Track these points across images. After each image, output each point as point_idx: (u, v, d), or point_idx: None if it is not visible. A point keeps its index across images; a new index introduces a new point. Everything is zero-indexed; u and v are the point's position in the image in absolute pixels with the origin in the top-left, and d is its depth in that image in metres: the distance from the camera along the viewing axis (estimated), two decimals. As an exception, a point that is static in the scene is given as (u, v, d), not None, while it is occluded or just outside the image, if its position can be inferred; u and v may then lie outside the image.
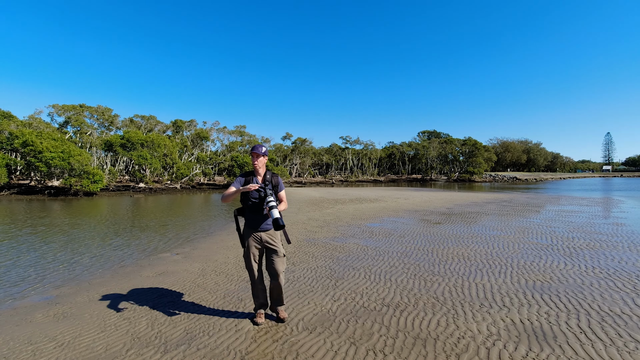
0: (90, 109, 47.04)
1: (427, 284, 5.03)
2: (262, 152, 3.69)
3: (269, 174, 3.75)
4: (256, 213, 3.63)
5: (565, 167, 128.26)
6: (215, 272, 5.87)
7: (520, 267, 5.86)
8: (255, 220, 3.64)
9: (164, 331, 3.63)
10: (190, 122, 52.89)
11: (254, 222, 3.64)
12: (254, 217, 3.64)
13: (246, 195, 3.64)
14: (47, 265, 6.66)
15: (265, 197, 3.47)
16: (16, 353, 3.21)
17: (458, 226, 10.41)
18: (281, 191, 3.78)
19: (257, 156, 3.67)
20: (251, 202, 3.62)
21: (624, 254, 6.65)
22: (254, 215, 3.64)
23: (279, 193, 3.76)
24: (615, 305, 4.15)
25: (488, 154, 75.93)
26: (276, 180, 3.76)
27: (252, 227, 3.66)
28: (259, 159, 3.68)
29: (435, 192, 30.15)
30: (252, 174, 3.72)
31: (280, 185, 3.78)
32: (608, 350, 3.09)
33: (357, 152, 75.85)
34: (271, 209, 3.30)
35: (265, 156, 3.73)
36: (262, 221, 3.63)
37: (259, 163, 3.68)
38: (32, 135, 26.86)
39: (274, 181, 3.73)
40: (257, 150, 3.67)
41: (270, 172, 3.78)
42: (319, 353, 3.14)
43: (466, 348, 3.17)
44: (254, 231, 3.66)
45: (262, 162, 3.70)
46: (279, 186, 3.77)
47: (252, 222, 3.66)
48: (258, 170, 3.71)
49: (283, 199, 3.79)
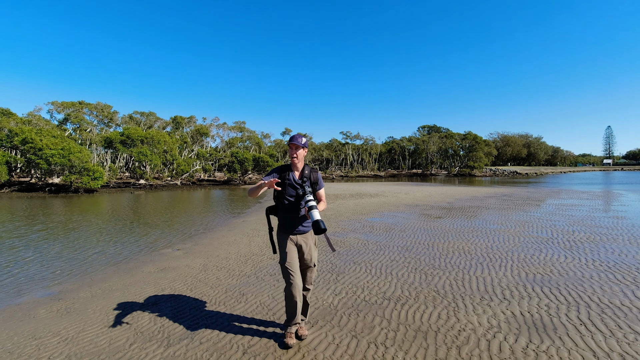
0: (90, 106, 46.94)
1: (427, 278, 5.05)
2: (302, 143, 3.18)
3: (307, 169, 3.24)
4: (292, 213, 3.16)
5: (565, 161, 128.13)
6: (217, 268, 5.90)
7: (521, 260, 5.88)
8: (291, 221, 3.17)
9: (166, 325, 3.66)
10: (190, 118, 52.76)
11: (290, 224, 3.17)
12: (290, 218, 3.17)
13: (281, 192, 3.18)
14: (49, 262, 6.69)
15: (303, 195, 3.04)
16: (21, 348, 3.24)
17: (458, 220, 10.43)
18: (320, 189, 3.31)
19: (295, 148, 3.17)
20: (287, 201, 3.17)
21: (624, 247, 6.66)
22: (290, 216, 3.17)
23: (317, 191, 3.30)
24: (615, 297, 4.17)
25: (488, 149, 75.83)
26: (315, 177, 3.27)
27: (288, 230, 3.18)
28: (298, 152, 3.17)
29: (435, 186, 30.16)
30: (289, 169, 3.23)
31: (320, 183, 3.31)
32: (608, 342, 3.12)
33: (357, 147, 75.71)
34: (311, 210, 2.89)
35: (305, 148, 3.23)
36: (299, 223, 3.18)
37: (298, 156, 3.18)
38: (32, 132, 26.82)
39: (312, 177, 3.25)
40: (296, 141, 3.15)
41: (308, 166, 3.28)
42: (321, 346, 3.17)
43: (467, 340, 3.20)
44: (289, 234, 3.18)
45: (302, 155, 3.20)
46: (318, 183, 3.29)
47: (287, 223, 3.19)
48: (296, 164, 3.22)
49: (322, 198, 3.33)
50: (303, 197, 3.04)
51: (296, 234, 3.19)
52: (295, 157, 3.18)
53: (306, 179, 3.19)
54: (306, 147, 3.25)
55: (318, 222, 2.82)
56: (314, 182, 3.25)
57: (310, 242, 3.23)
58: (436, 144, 76.02)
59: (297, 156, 3.18)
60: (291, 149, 3.19)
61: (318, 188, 3.29)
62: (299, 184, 3.15)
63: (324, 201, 3.34)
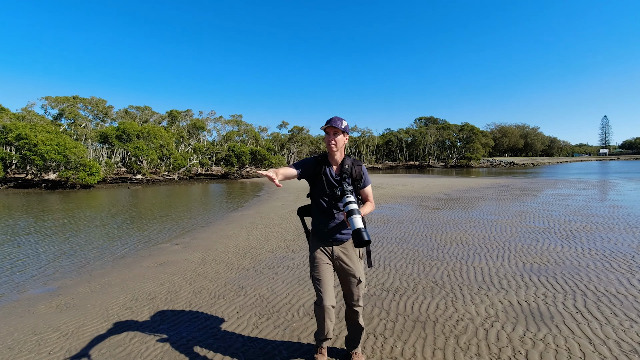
0: (84, 101, 46.44)
1: (425, 269, 5.08)
2: (342, 127, 2.47)
3: (348, 162, 2.55)
4: (329, 217, 2.55)
5: (562, 151, 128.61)
6: (216, 261, 5.91)
7: (518, 250, 5.92)
8: (326, 227, 2.55)
9: (166, 319, 3.67)
10: (186, 112, 52.37)
11: (325, 230, 2.56)
12: (326, 223, 2.55)
13: (318, 188, 2.56)
14: (47, 257, 6.68)
15: (342, 196, 2.40)
16: (21, 344, 3.25)
17: (456, 211, 10.47)
18: (365, 187, 2.63)
19: (334, 133, 2.46)
20: (323, 202, 2.55)
21: (619, 236, 6.72)
22: (326, 221, 2.55)
23: (362, 189, 2.63)
24: (610, 285, 4.22)
25: (485, 140, 75.97)
26: (359, 171, 2.57)
27: (322, 237, 2.58)
28: (337, 137, 2.47)
29: (433, 178, 30.22)
30: (325, 161, 2.57)
31: (366, 179, 2.61)
32: (604, 329, 3.16)
33: (355, 140, 75.56)
34: (350, 215, 2.25)
35: (346, 134, 2.54)
36: (338, 230, 2.55)
37: (337, 144, 2.48)
38: (26, 128, 26.56)
39: (355, 172, 2.55)
40: (335, 124, 2.43)
41: (350, 158, 2.59)
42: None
43: (465, 330, 3.23)
44: (323, 243, 2.58)
45: (342, 142, 2.51)
46: (363, 180, 2.59)
47: (321, 229, 2.57)
48: (334, 154, 2.53)
49: (369, 198, 2.66)
50: (342, 198, 2.40)
51: (332, 243, 2.57)
52: (333, 145, 2.47)
53: (346, 174, 2.52)
54: (347, 133, 2.55)
55: (360, 231, 2.20)
56: (357, 179, 2.56)
57: (351, 253, 2.58)
58: (433, 136, 76.00)
59: (335, 144, 2.47)
60: (328, 135, 2.48)
61: (362, 186, 2.60)
62: (337, 181, 2.51)
63: (372, 202, 2.65)
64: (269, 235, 7.83)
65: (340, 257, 2.56)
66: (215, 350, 3.01)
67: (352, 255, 2.58)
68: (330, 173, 2.54)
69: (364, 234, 2.19)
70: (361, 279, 2.56)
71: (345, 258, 2.56)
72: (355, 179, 2.55)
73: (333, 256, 2.56)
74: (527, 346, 2.91)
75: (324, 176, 2.53)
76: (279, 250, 6.50)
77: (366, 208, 2.55)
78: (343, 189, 2.40)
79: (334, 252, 2.56)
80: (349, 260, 2.56)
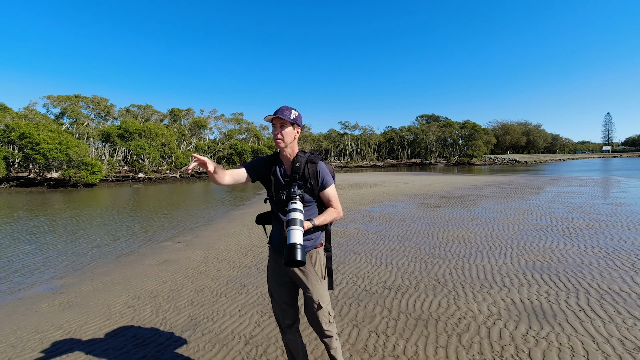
0: (86, 99, 46.57)
1: (427, 267, 5.07)
2: (291, 118, 2.04)
3: (301, 159, 2.10)
4: (280, 224, 2.12)
5: (564, 148, 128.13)
6: (217, 260, 5.92)
7: (520, 248, 5.90)
8: (280, 235, 2.13)
9: (168, 318, 3.68)
10: (188, 110, 52.42)
11: (279, 239, 2.14)
12: (280, 231, 2.13)
13: (269, 194, 2.16)
14: (50, 256, 6.70)
15: (287, 200, 2.01)
16: (24, 342, 3.26)
17: (458, 209, 10.45)
18: (325, 188, 2.12)
19: (280, 124, 2.04)
20: (275, 207, 2.15)
21: (623, 233, 6.69)
22: (280, 227, 2.12)
23: (321, 192, 2.13)
24: (614, 283, 4.20)
25: (487, 137, 75.68)
26: (313, 171, 2.08)
27: (277, 249, 2.16)
28: (284, 130, 2.04)
29: (434, 176, 30.17)
30: (277, 160, 2.18)
31: (325, 179, 2.11)
32: (607, 327, 3.14)
33: (356, 138, 75.50)
34: (289, 226, 1.86)
35: (297, 126, 2.11)
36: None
37: (284, 137, 2.05)
38: (29, 127, 26.66)
39: (308, 172, 2.08)
40: (281, 114, 2.02)
41: (306, 154, 2.13)
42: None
43: (467, 328, 3.22)
44: (277, 255, 2.17)
45: (291, 135, 2.07)
46: (320, 180, 2.10)
47: (276, 239, 2.17)
48: (283, 149, 2.10)
49: (331, 203, 2.16)
50: (287, 204, 1.99)
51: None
52: (280, 140, 2.04)
53: (297, 173, 2.07)
54: (298, 125, 2.11)
55: (293, 247, 1.77)
56: (309, 178, 2.07)
57: (309, 270, 2.10)
58: (435, 133, 75.82)
59: (282, 137, 2.04)
60: (274, 128, 2.06)
61: (320, 188, 2.11)
62: (286, 183, 2.11)
63: (335, 208, 2.16)
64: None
65: (296, 274, 2.10)
66: (217, 349, 3.02)
67: (309, 273, 2.10)
68: (280, 173, 2.13)
69: (297, 252, 1.75)
70: (321, 304, 2.08)
71: (302, 276, 2.09)
72: (308, 178, 2.07)
73: (288, 273, 2.14)
74: (530, 344, 2.90)
75: (273, 177, 2.13)
76: (280, 248, 6.50)
77: (326, 215, 2.08)
78: (290, 193, 2.01)
79: (288, 269, 2.12)
80: (305, 279, 2.09)
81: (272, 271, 2.21)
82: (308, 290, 2.09)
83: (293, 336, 2.23)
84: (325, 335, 2.14)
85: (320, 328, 2.12)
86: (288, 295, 2.19)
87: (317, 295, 2.08)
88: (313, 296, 2.08)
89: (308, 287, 2.09)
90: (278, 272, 2.18)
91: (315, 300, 2.08)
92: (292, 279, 2.16)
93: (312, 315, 2.11)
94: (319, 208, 2.20)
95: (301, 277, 2.10)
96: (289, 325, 2.19)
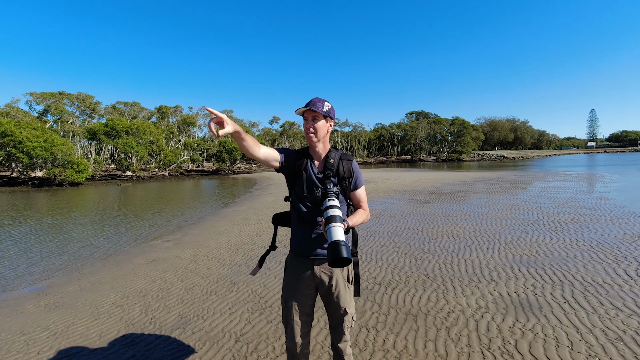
0: (71, 97, 45.48)
1: (417, 262, 5.12)
2: (324, 110, 1.90)
3: (335, 155, 1.96)
4: (310, 226, 1.95)
5: (551, 144, 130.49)
6: (207, 258, 5.88)
7: (508, 242, 6.01)
8: (306, 239, 1.96)
9: (157, 317, 3.65)
10: (176, 107, 51.70)
11: (305, 243, 1.96)
12: (306, 233, 1.96)
13: (297, 188, 1.97)
14: (35, 256, 6.56)
15: (324, 198, 1.84)
16: (9, 344, 3.19)
17: (447, 205, 10.57)
18: (358, 189, 2.01)
19: (312, 116, 1.90)
20: (303, 207, 1.95)
21: (606, 227, 6.86)
22: (306, 230, 1.96)
23: (352, 192, 2.01)
24: (597, 275, 4.31)
25: (476, 134, 76.72)
26: (348, 169, 1.96)
27: (301, 252, 1.98)
28: (317, 124, 1.90)
29: (424, 172, 30.44)
30: (306, 155, 1.99)
31: (358, 178, 2.00)
32: (590, 318, 3.23)
33: (346, 135, 75.58)
34: (329, 223, 1.67)
35: (330, 119, 1.97)
36: (319, 244, 1.95)
37: (317, 131, 1.90)
38: (11, 124, 25.92)
39: (343, 169, 1.95)
40: (314, 106, 1.87)
41: (337, 151, 1.99)
42: (313, 331, 3.20)
43: (456, 321, 3.27)
44: (301, 261, 1.99)
45: (324, 129, 1.92)
46: (353, 179, 1.99)
47: (300, 242, 1.98)
48: (314, 145, 1.95)
49: (361, 204, 2.03)
50: (323, 202, 1.84)
51: (313, 261, 1.96)
52: (312, 134, 1.90)
53: (331, 172, 1.92)
54: (331, 118, 1.97)
55: (337, 244, 1.59)
56: (345, 177, 1.94)
57: (337, 275, 1.95)
58: (424, 130, 76.42)
59: (315, 132, 1.89)
60: (306, 121, 1.92)
61: (353, 188, 1.99)
62: (319, 180, 1.94)
63: (365, 209, 2.02)
64: (260, 231, 7.81)
65: (323, 280, 1.94)
66: (208, 347, 3.00)
67: (338, 278, 1.95)
68: (312, 169, 1.95)
69: (342, 249, 1.57)
70: (347, 309, 1.96)
71: (330, 281, 1.94)
72: (342, 177, 1.94)
73: (314, 277, 1.95)
74: (517, 336, 2.96)
75: (305, 172, 1.94)
76: (271, 245, 6.48)
77: (357, 217, 1.92)
78: (325, 190, 1.84)
79: (314, 274, 1.95)
80: (334, 285, 1.94)
81: (296, 279, 1.98)
82: (335, 295, 1.96)
83: (305, 342, 2.01)
84: (342, 341, 2.01)
85: (342, 334, 2.00)
86: (311, 306, 2.01)
87: (344, 301, 1.97)
88: (340, 302, 1.96)
89: (335, 292, 1.96)
90: (304, 280, 1.96)
91: (342, 306, 1.96)
92: (317, 286, 1.98)
93: (336, 321, 1.99)
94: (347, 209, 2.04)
95: (326, 281, 1.95)
96: (305, 333, 1.99)
